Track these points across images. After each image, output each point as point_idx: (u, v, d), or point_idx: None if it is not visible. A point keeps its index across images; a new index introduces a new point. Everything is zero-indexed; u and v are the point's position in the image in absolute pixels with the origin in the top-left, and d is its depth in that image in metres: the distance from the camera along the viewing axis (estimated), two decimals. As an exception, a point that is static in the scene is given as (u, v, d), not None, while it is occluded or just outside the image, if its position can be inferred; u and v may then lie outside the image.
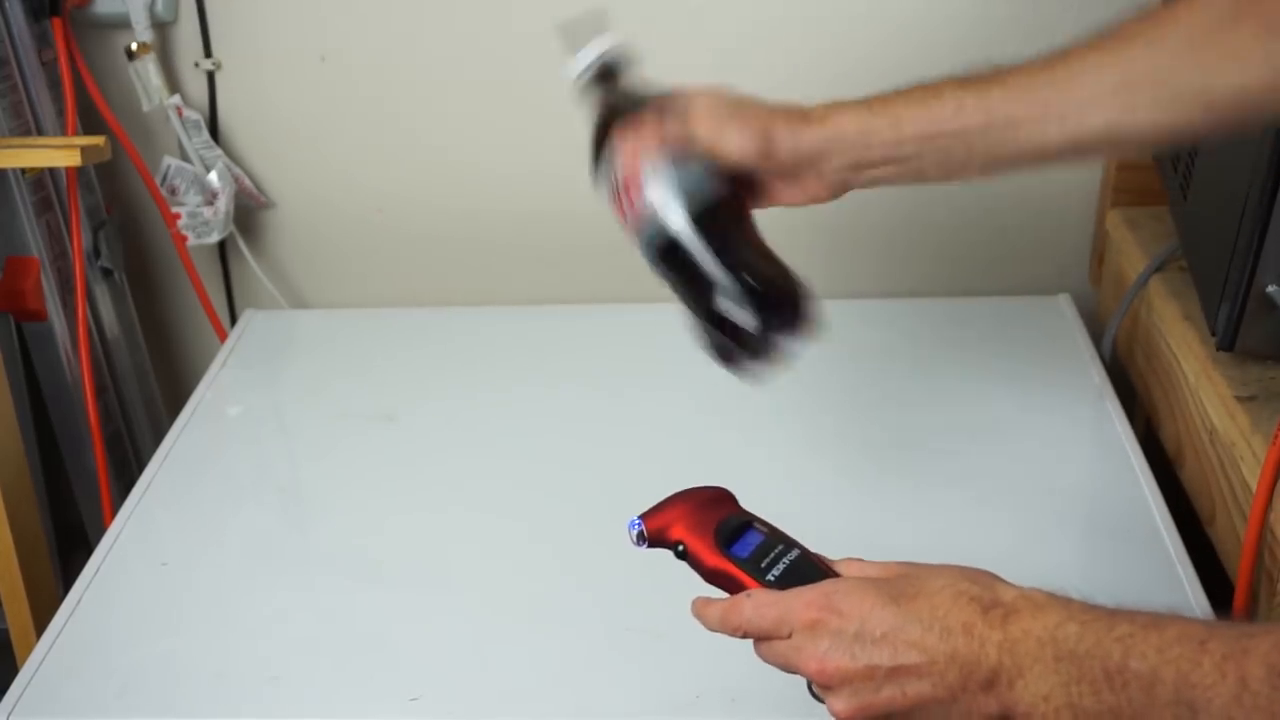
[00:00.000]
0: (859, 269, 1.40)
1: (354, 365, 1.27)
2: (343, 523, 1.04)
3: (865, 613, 0.62)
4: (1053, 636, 0.58)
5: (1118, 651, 0.55)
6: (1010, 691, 0.58)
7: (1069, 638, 0.57)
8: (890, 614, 0.61)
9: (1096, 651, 0.56)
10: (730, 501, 0.72)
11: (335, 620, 0.93)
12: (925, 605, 0.61)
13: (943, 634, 0.60)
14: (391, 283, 1.43)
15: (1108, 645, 0.56)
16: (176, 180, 1.33)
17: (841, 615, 0.62)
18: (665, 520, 0.71)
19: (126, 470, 1.36)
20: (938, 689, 0.60)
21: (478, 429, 1.14)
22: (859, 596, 0.62)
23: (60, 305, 1.27)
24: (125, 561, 1.00)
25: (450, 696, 0.86)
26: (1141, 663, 0.54)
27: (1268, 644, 0.52)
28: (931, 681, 0.60)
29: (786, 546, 0.69)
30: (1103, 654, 0.56)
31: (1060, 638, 0.57)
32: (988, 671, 0.59)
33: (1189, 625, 0.55)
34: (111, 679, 0.88)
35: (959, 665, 0.59)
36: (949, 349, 1.22)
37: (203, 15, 1.30)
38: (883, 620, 0.61)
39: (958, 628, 0.60)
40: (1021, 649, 0.58)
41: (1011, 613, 0.59)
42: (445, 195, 1.39)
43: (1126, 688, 0.55)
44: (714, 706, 0.84)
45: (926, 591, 0.61)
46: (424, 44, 1.31)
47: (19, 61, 1.23)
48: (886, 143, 0.80)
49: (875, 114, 0.81)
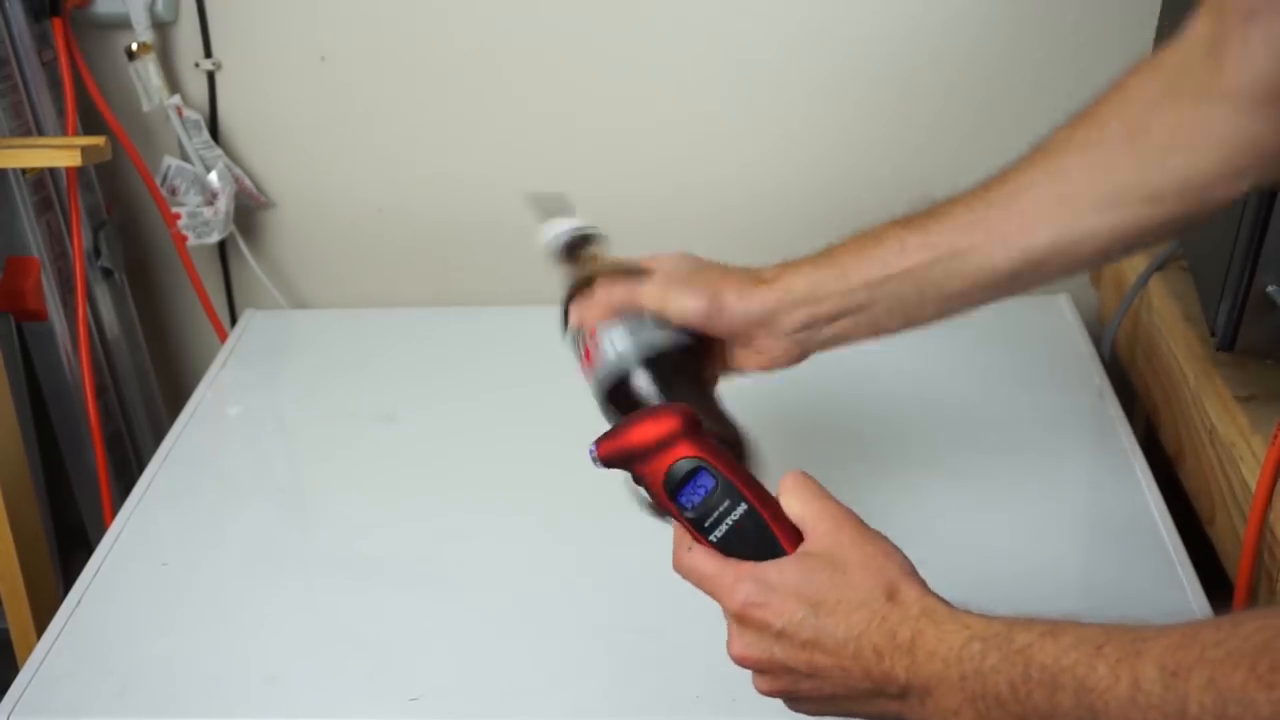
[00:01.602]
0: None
1: (354, 365, 1.27)
2: (343, 523, 1.04)
3: (789, 616, 0.64)
4: (958, 657, 0.60)
5: (1019, 664, 0.57)
6: (921, 706, 0.61)
7: (973, 656, 0.59)
8: (811, 625, 0.64)
9: (1000, 666, 0.58)
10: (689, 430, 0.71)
11: (335, 620, 0.93)
12: (843, 622, 0.63)
13: (856, 653, 0.63)
14: (391, 283, 1.43)
15: (1010, 658, 0.58)
16: (176, 180, 1.33)
17: (766, 611, 0.65)
18: (621, 449, 0.72)
19: (126, 470, 1.36)
20: (851, 691, 0.64)
21: (478, 429, 1.14)
22: (785, 596, 0.65)
23: (60, 305, 1.27)
24: (125, 561, 1.00)
25: (450, 696, 0.86)
26: (1042, 673, 0.56)
27: (1161, 646, 0.53)
28: (847, 685, 0.64)
29: (734, 502, 0.70)
30: (1006, 668, 0.58)
31: (965, 657, 0.59)
32: (899, 688, 0.62)
33: (1085, 630, 0.56)
34: (111, 679, 0.88)
35: (872, 680, 0.62)
36: (949, 349, 1.22)
37: (203, 15, 1.30)
38: (804, 628, 0.64)
39: (869, 650, 0.62)
40: (927, 670, 0.60)
41: (917, 635, 0.61)
42: (445, 195, 1.39)
43: (1030, 697, 0.56)
44: (714, 706, 0.84)
45: (847, 604, 0.63)
46: (424, 44, 1.31)
47: (19, 61, 1.23)
48: (835, 294, 0.80)
49: (820, 268, 0.81)
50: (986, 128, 1.32)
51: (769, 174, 1.35)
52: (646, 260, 0.85)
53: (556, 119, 1.35)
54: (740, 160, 1.34)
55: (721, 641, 0.92)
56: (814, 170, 1.34)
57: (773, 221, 1.37)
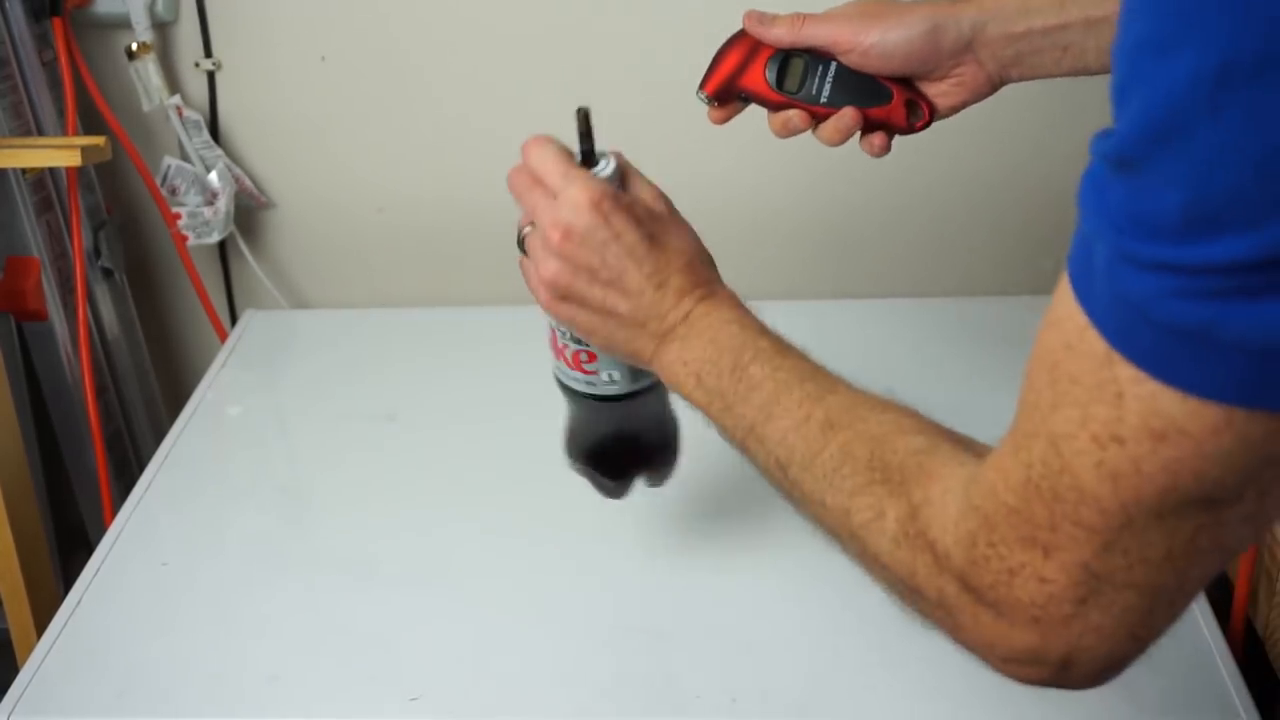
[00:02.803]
0: (859, 269, 1.40)
1: (354, 365, 1.27)
2: (343, 523, 1.04)
3: (626, 230, 0.73)
4: (719, 327, 0.71)
5: (749, 355, 0.69)
6: (667, 347, 0.73)
7: (728, 333, 0.71)
8: (642, 247, 0.73)
9: (736, 349, 0.70)
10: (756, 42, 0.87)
11: (335, 620, 0.93)
12: (664, 257, 0.74)
13: (659, 285, 0.73)
14: (391, 283, 1.43)
15: (746, 348, 0.70)
16: (177, 180, 1.33)
17: (608, 219, 0.73)
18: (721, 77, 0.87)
19: (126, 470, 1.36)
20: (627, 314, 0.73)
21: (478, 429, 1.14)
22: (629, 216, 0.74)
23: (60, 305, 1.27)
24: (125, 561, 1.00)
25: (450, 696, 0.86)
26: (758, 370, 0.69)
27: (836, 401, 0.66)
28: (627, 306, 0.73)
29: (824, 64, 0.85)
30: (738, 352, 0.70)
31: (721, 328, 0.71)
32: (667, 326, 0.73)
33: (803, 363, 0.69)
34: (111, 679, 0.88)
35: (652, 310, 0.73)
36: (949, 349, 1.22)
37: (203, 15, 1.30)
38: (634, 247, 0.73)
39: (672, 288, 0.73)
40: (697, 325, 0.72)
41: (708, 296, 0.73)
42: (445, 195, 1.39)
43: (739, 381, 0.69)
44: (714, 706, 0.84)
45: (672, 248, 0.74)
46: (424, 44, 1.31)
47: (19, 62, 1.23)
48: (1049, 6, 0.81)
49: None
50: (987, 127, 1.32)
51: (769, 174, 1.35)
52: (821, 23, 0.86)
53: (556, 119, 1.35)
54: (740, 160, 1.34)
55: (722, 642, 0.92)
56: (814, 170, 1.34)
57: (772, 220, 1.37)
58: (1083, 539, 0.49)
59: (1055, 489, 0.49)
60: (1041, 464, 0.50)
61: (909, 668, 0.86)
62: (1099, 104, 0.49)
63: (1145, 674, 0.86)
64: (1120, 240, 0.44)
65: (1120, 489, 0.47)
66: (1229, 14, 0.40)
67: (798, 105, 0.85)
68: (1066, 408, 0.48)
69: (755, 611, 0.92)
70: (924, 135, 1.33)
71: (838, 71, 0.85)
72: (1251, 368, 0.43)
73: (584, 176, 0.76)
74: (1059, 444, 0.49)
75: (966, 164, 1.34)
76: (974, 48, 0.83)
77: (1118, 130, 0.45)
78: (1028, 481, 0.51)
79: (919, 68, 0.84)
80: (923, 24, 0.82)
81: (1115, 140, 0.45)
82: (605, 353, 0.78)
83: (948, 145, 1.33)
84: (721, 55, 0.87)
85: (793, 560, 0.95)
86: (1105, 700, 0.84)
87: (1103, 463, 0.47)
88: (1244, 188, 0.41)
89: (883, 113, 0.85)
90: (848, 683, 0.86)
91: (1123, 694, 0.84)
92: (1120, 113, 0.45)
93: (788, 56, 0.86)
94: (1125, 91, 0.44)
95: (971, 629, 0.56)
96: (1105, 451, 0.47)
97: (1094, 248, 0.46)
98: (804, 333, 1.23)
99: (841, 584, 0.92)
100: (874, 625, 0.90)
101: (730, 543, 0.98)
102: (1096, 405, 0.47)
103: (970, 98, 0.86)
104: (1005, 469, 0.52)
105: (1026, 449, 0.51)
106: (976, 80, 0.85)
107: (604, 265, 0.73)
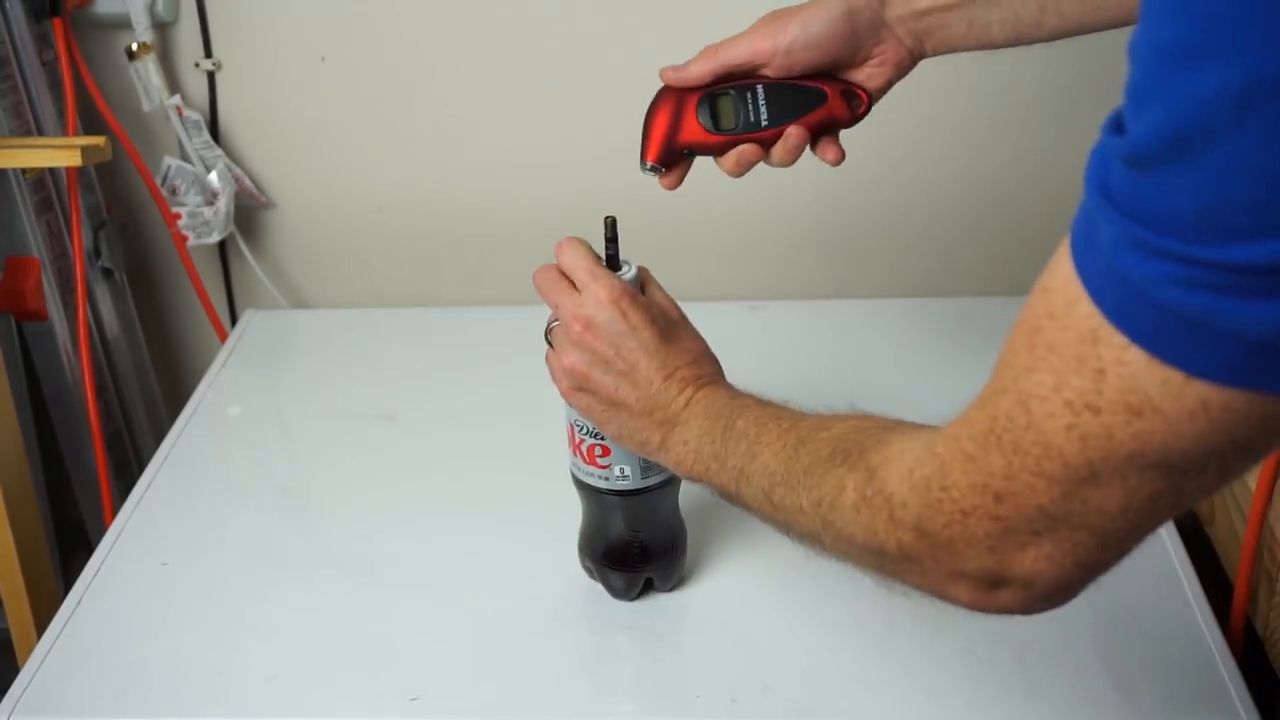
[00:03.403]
0: (860, 269, 1.40)
1: (354, 365, 1.27)
2: (343, 523, 1.04)
3: (642, 326, 0.79)
4: (711, 405, 0.77)
5: (736, 414, 0.75)
6: (672, 433, 0.79)
7: (720, 404, 0.77)
8: (654, 343, 0.79)
9: (725, 413, 0.76)
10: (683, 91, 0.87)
11: (335, 620, 0.93)
12: (673, 353, 0.79)
13: (666, 377, 0.79)
14: (391, 283, 1.44)
15: (736, 411, 0.76)
16: (177, 180, 1.33)
17: (626, 313, 0.79)
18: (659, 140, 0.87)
19: (126, 470, 1.36)
20: (635, 404, 0.79)
21: (477, 429, 1.14)
22: (646, 313, 0.79)
23: (60, 305, 1.27)
24: (125, 561, 1.00)
25: (450, 696, 0.86)
26: (743, 423, 0.74)
27: (807, 424, 0.71)
28: (636, 397, 0.79)
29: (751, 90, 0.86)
30: (728, 415, 0.76)
31: (714, 403, 0.77)
32: (670, 414, 0.78)
33: (781, 411, 0.74)
34: (111, 679, 0.88)
35: (657, 401, 0.79)
36: (949, 349, 1.22)
37: (203, 15, 1.30)
38: (647, 341, 0.79)
39: (676, 379, 0.79)
40: (695, 411, 0.78)
41: (708, 384, 0.79)
42: (445, 195, 1.39)
43: (729, 439, 0.75)
44: (714, 706, 0.84)
45: (680, 346, 0.80)
46: (424, 45, 1.31)
47: (19, 62, 1.23)
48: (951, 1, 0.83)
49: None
50: (987, 127, 1.32)
51: (774, 178, 1.35)
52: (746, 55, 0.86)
53: (556, 119, 1.35)
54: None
55: (722, 641, 0.92)
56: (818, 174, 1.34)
57: (777, 222, 1.37)
58: (1041, 488, 0.52)
59: (1018, 443, 0.52)
60: (1006, 418, 0.52)
61: (909, 667, 0.87)
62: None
63: (1145, 674, 0.86)
64: (1127, 224, 0.45)
65: (1088, 449, 0.50)
66: (1262, 30, 0.40)
67: (742, 139, 0.85)
68: (1041, 372, 0.50)
69: (755, 611, 0.92)
70: (925, 137, 1.33)
71: (767, 90, 0.85)
72: (1246, 354, 0.44)
73: (608, 275, 0.80)
74: (1029, 403, 0.51)
75: (967, 166, 1.35)
76: (888, 23, 0.84)
77: (1134, 133, 0.45)
78: (990, 432, 0.53)
79: (843, 53, 0.85)
80: (837, 8, 0.83)
81: (1130, 142, 0.45)
82: (618, 444, 0.83)
83: (949, 147, 1.34)
84: (651, 119, 0.87)
85: (792, 560, 0.95)
86: (1106, 700, 0.84)
87: (1074, 426, 0.49)
88: (1260, 200, 0.42)
89: (824, 112, 0.85)
90: (848, 682, 0.86)
91: (1123, 694, 0.84)
92: (1136, 113, 0.45)
93: (714, 97, 0.85)
94: (1144, 94, 0.45)
95: (932, 570, 0.59)
96: (1078, 417, 0.49)
97: (1097, 224, 0.47)
98: (807, 332, 1.24)
99: (841, 584, 0.92)
100: (873, 625, 0.90)
101: (730, 542, 0.98)
102: (1073, 375, 0.49)
103: (896, 74, 0.87)
104: (970, 419, 0.55)
105: (993, 403, 0.53)
106: (899, 55, 0.86)
107: (618, 356, 0.79)
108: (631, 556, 0.90)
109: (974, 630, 0.87)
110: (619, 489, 0.86)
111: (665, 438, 0.79)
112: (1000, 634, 0.87)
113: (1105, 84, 1.38)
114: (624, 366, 0.79)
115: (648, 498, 0.87)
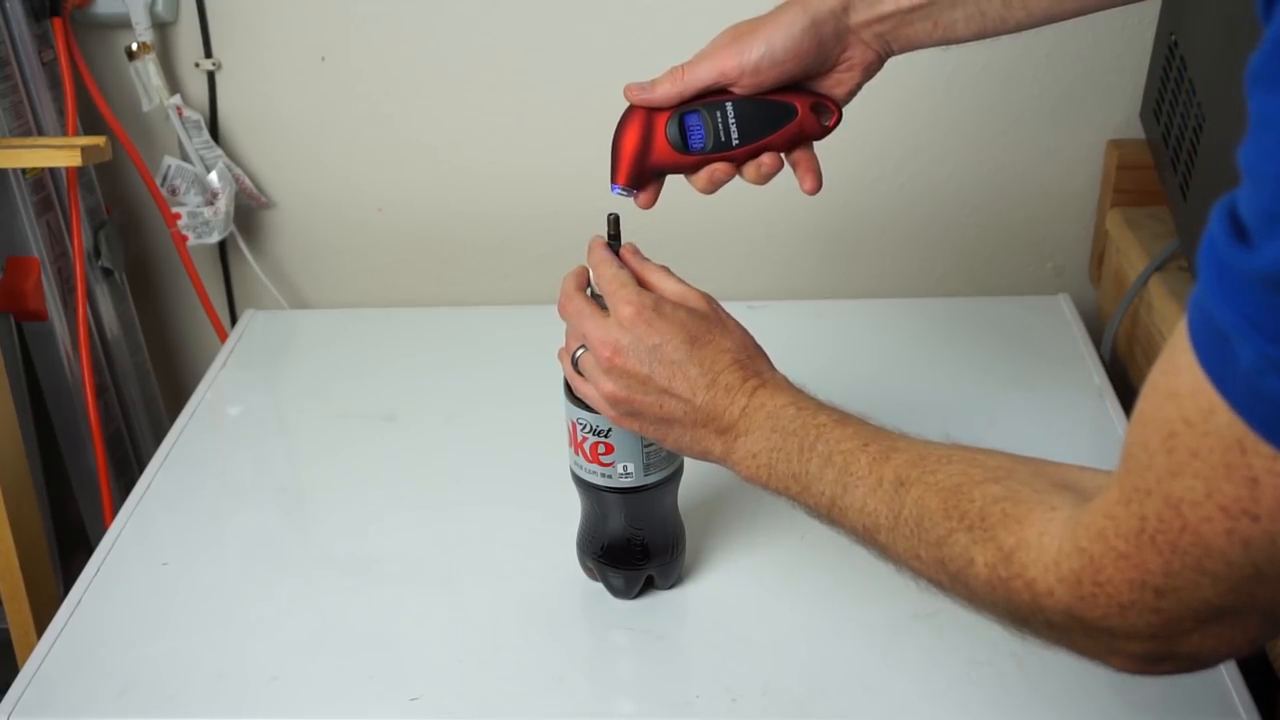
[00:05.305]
0: (860, 269, 1.40)
1: (354, 365, 1.27)
2: (343, 523, 1.04)
3: (670, 336, 0.76)
4: (777, 414, 0.74)
5: (813, 434, 0.72)
6: (735, 443, 0.76)
7: (787, 417, 0.74)
8: (685, 350, 0.76)
9: (799, 431, 0.73)
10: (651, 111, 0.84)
11: (335, 620, 0.93)
12: (710, 356, 0.77)
13: (710, 384, 0.76)
14: (391, 283, 1.44)
15: (809, 429, 0.73)
16: (177, 180, 1.33)
17: (652, 327, 0.77)
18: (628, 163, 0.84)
19: (126, 470, 1.36)
20: (686, 417, 0.77)
21: (478, 429, 1.14)
22: (672, 321, 0.77)
23: (60, 305, 1.27)
24: (125, 561, 1.00)
25: (450, 696, 0.86)
26: (825, 446, 0.71)
27: (901, 459, 0.68)
28: (685, 409, 0.76)
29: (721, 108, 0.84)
30: (802, 434, 0.73)
31: (780, 415, 0.74)
32: (727, 423, 0.76)
33: (864, 429, 0.71)
34: (111, 679, 0.88)
35: (709, 410, 0.76)
36: (949, 349, 1.22)
37: (203, 15, 1.30)
38: (678, 351, 0.76)
39: (722, 385, 0.76)
40: (755, 417, 0.75)
41: (760, 387, 0.76)
42: (445, 195, 1.39)
43: (808, 461, 0.72)
44: (714, 706, 0.84)
45: (716, 346, 0.77)
46: (424, 45, 1.31)
47: (19, 62, 1.23)
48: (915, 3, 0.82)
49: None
50: (987, 127, 1.32)
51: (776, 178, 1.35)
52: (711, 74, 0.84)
53: (556, 118, 1.35)
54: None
55: (722, 642, 0.92)
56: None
57: (780, 223, 1.37)
58: (1206, 584, 0.51)
59: (1175, 544, 0.50)
60: (1158, 519, 0.51)
61: (909, 667, 0.87)
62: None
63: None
64: (1269, 348, 0.44)
65: (1251, 551, 0.49)
66: None
67: (714, 158, 0.84)
68: (1188, 478, 0.49)
69: (755, 611, 0.92)
70: (925, 138, 1.33)
71: (736, 108, 0.83)
72: None
73: (627, 291, 0.78)
74: (1180, 507, 0.50)
75: (968, 166, 1.35)
76: (853, 29, 0.83)
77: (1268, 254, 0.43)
78: (1141, 532, 0.52)
79: (811, 64, 0.83)
80: (800, 20, 0.82)
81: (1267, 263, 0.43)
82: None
83: (950, 148, 1.34)
84: (619, 140, 0.84)
85: (792, 560, 0.95)
86: (1106, 700, 0.84)
87: (1234, 531, 0.48)
88: None
89: (795, 127, 0.84)
90: (848, 682, 0.86)
91: (1123, 694, 0.84)
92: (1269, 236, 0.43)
93: (683, 116, 0.83)
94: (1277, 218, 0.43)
95: (1086, 647, 0.58)
96: (1236, 523, 0.48)
97: (1233, 341, 0.46)
98: (810, 332, 1.24)
99: (842, 584, 0.93)
100: (874, 625, 0.90)
101: (730, 542, 0.98)
102: (1224, 483, 0.48)
103: (864, 77, 0.86)
104: (1116, 517, 0.53)
105: (1139, 503, 0.51)
106: (866, 58, 0.85)
107: (654, 374, 0.76)
108: (632, 554, 0.90)
109: (974, 632, 0.86)
110: (621, 486, 0.86)
111: (727, 449, 0.76)
112: (1000, 636, 0.86)
113: (1105, 84, 1.38)
114: (662, 383, 0.76)
115: (649, 495, 0.87)
